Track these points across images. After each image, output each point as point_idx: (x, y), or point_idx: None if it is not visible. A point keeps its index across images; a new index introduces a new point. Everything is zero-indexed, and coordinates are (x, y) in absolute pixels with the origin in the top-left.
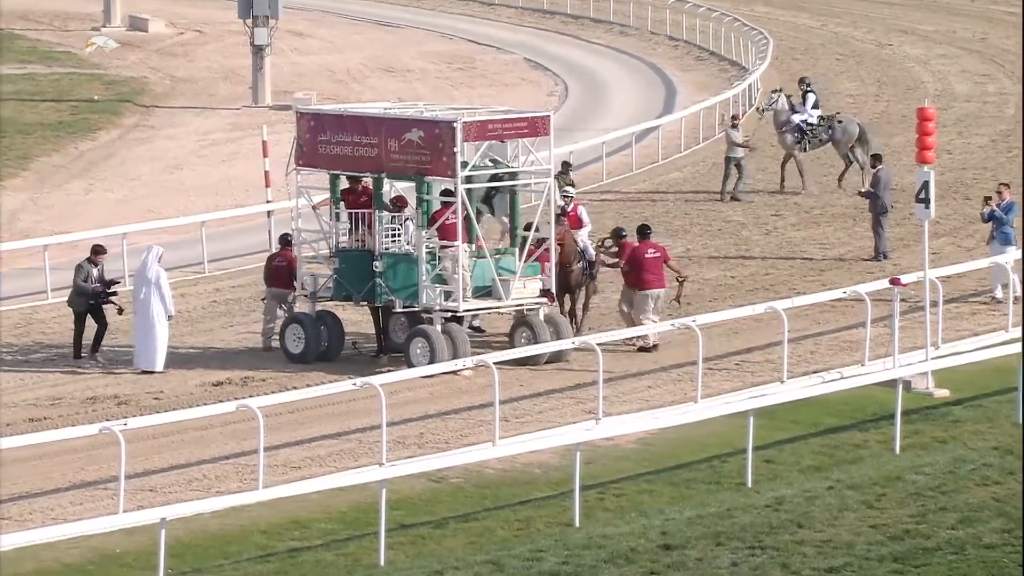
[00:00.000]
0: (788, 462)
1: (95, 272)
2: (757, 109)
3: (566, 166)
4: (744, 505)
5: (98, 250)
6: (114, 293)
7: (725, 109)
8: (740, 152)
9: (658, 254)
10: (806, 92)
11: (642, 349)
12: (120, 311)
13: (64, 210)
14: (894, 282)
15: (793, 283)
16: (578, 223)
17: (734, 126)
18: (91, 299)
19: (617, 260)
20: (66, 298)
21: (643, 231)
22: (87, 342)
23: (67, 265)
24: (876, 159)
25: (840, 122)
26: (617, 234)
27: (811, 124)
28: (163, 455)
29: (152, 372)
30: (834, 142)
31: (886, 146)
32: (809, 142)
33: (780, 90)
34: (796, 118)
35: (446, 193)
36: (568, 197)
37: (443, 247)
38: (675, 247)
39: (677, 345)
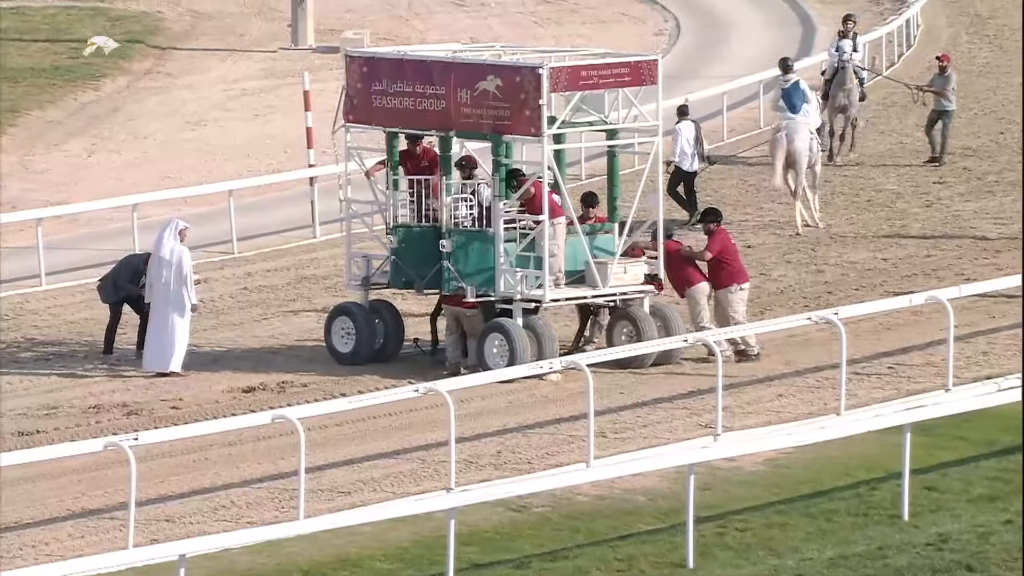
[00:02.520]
0: (954, 490)
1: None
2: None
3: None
4: (899, 543)
5: None
6: None
7: (876, 51)
8: (951, 104)
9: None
10: (856, 33)
11: (741, 355)
12: None
13: (61, 176)
14: None
15: (961, 267)
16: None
17: (942, 72)
18: (128, 298)
19: (700, 252)
20: (62, 284)
21: (715, 216)
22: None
23: (64, 244)
24: None
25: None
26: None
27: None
28: (182, 477)
29: (166, 375)
30: (862, 97)
31: None
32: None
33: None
34: (856, 62)
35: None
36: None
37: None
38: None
39: (816, 344)
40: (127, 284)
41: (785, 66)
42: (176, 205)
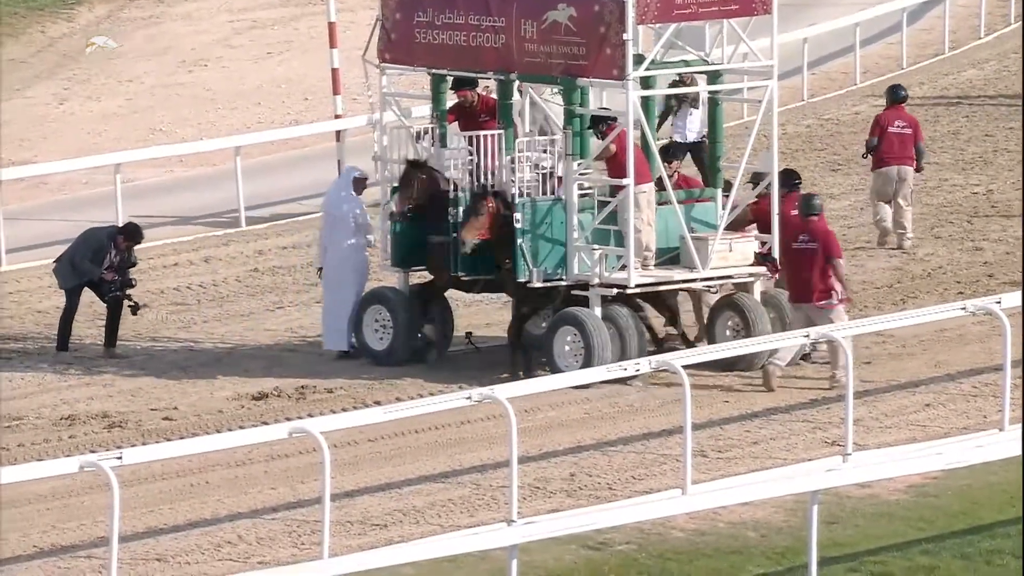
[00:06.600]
0: None
1: (112, 257)
2: None
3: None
4: None
5: (132, 234)
6: (130, 284)
7: None
8: None
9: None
10: None
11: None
12: (135, 310)
13: (25, 129)
14: None
15: None
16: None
17: None
18: (91, 284)
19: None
20: (27, 264)
21: (788, 179)
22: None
23: (29, 213)
24: None
25: None
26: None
27: None
28: (177, 505)
29: (347, 354)
30: None
31: None
32: None
33: None
34: None
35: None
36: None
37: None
38: (971, 186)
39: (971, 340)
40: (87, 264)
41: None
42: (168, 165)
